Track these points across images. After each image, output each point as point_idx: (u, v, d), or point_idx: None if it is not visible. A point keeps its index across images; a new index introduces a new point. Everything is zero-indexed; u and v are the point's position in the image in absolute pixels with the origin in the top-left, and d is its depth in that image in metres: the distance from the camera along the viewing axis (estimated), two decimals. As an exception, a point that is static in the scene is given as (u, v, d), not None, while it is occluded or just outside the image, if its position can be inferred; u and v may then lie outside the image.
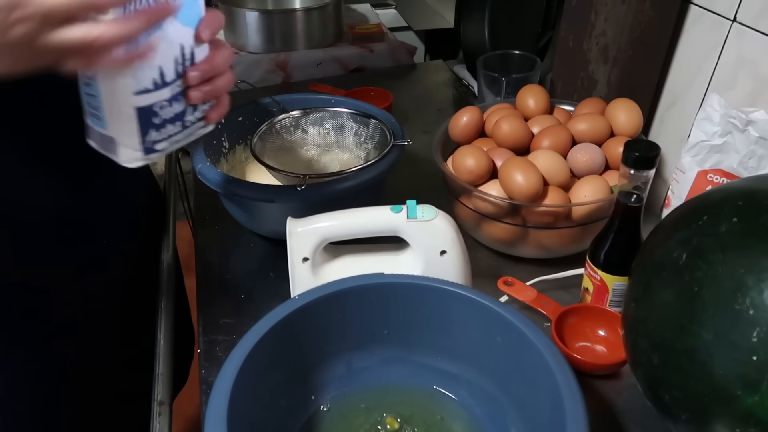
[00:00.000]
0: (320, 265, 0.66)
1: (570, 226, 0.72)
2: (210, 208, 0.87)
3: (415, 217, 0.63)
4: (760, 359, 0.40)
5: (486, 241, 0.78)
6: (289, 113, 0.86)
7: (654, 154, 0.57)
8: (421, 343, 0.58)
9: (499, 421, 0.54)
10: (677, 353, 0.45)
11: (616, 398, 0.61)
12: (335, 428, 0.55)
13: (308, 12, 1.29)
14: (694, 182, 0.70)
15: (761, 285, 0.41)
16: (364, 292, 0.56)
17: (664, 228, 0.53)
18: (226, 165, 0.86)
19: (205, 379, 0.64)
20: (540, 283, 0.72)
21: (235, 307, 0.72)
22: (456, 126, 0.82)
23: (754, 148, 0.65)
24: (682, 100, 0.81)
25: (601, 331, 0.66)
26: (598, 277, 0.64)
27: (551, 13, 0.99)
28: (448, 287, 0.55)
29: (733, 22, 0.71)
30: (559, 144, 0.76)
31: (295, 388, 0.55)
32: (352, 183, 0.72)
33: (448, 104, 1.19)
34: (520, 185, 0.68)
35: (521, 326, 0.51)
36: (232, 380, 0.46)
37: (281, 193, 0.70)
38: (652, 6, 0.76)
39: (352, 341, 0.57)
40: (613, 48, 0.81)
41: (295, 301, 0.53)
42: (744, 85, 0.71)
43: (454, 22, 1.26)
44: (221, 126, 0.85)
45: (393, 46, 1.35)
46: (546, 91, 0.85)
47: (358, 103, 0.88)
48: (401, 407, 0.57)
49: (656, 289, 0.49)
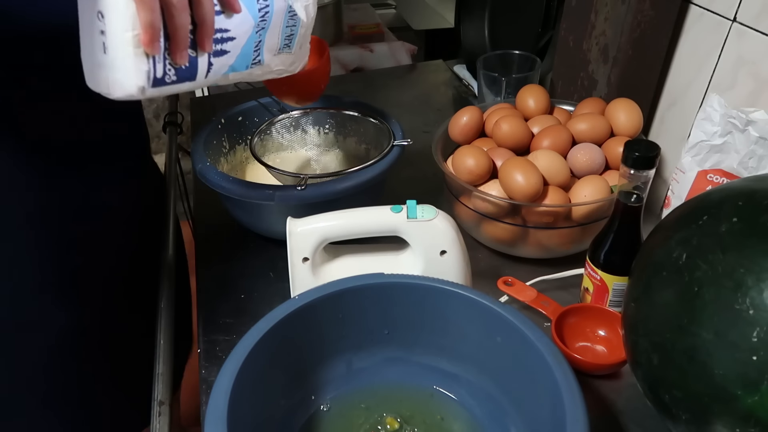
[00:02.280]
0: (320, 265, 0.66)
1: (570, 226, 0.72)
2: (210, 208, 0.87)
3: (415, 217, 0.63)
4: (760, 359, 0.40)
5: (486, 241, 0.78)
6: (289, 113, 0.86)
7: (654, 154, 0.57)
8: (421, 343, 0.58)
9: (499, 421, 0.54)
10: (677, 353, 0.45)
11: (616, 398, 0.61)
12: (335, 428, 0.55)
13: (308, 12, 1.29)
14: (694, 182, 0.70)
15: (761, 285, 0.41)
16: (364, 292, 0.56)
17: (664, 228, 0.53)
18: (226, 165, 0.86)
19: (205, 379, 0.64)
20: (540, 283, 0.72)
21: (235, 307, 0.72)
22: (456, 126, 0.82)
23: (754, 148, 0.65)
24: (682, 100, 0.81)
25: (601, 331, 0.66)
26: (598, 277, 0.64)
27: (551, 13, 0.99)
28: (448, 287, 0.55)
29: (733, 22, 0.71)
30: (559, 144, 0.76)
31: (295, 388, 0.55)
32: (352, 183, 0.72)
33: (448, 104, 1.19)
34: (520, 185, 0.69)
35: (521, 326, 0.51)
36: (232, 380, 0.46)
37: (281, 193, 0.70)
38: (652, 6, 0.76)
39: (352, 341, 0.57)
40: (613, 48, 0.81)
41: (295, 301, 0.53)
42: (744, 85, 0.71)
43: (454, 22, 1.26)
44: (221, 126, 0.85)
45: (393, 46, 1.35)
46: (546, 91, 0.85)
47: (359, 103, 0.88)
48: (401, 407, 0.57)
49: (656, 289, 0.49)
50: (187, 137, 1.02)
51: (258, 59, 0.58)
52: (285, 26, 0.59)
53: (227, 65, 0.56)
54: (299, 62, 0.64)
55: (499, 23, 1.16)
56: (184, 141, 1.05)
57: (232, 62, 0.56)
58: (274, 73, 0.62)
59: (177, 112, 1.07)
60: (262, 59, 0.59)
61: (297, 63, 0.64)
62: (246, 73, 0.59)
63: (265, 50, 0.58)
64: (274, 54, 0.59)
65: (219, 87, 1.32)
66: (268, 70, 0.61)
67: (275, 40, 0.59)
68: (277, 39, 0.59)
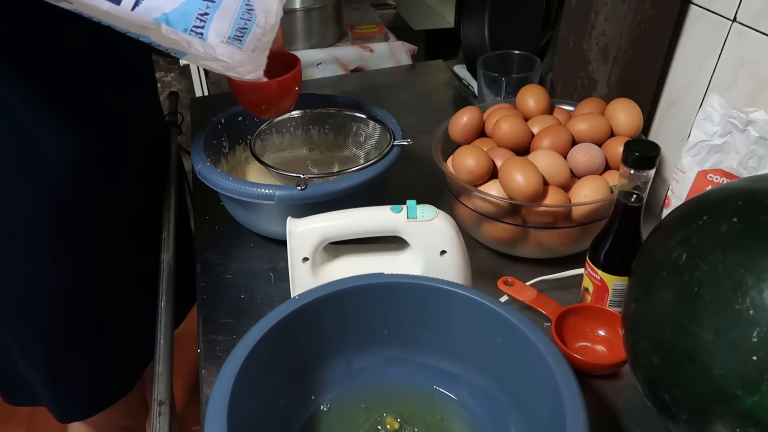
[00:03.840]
0: (320, 265, 0.66)
1: (570, 226, 0.72)
2: (210, 208, 0.87)
3: (415, 217, 0.63)
4: (760, 359, 0.40)
5: (486, 241, 0.78)
6: (289, 113, 0.86)
7: (654, 154, 0.57)
8: (421, 343, 0.58)
9: (499, 421, 0.54)
10: (677, 353, 0.45)
11: (616, 398, 0.61)
12: (335, 428, 0.55)
13: (308, 12, 1.29)
14: (694, 182, 0.70)
15: (761, 285, 0.41)
16: (364, 292, 0.56)
17: (664, 228, 0.53)
18: (226, 165, 0.86)
19: (205, 379, 0.64)
20: (540, 283, 0.72)
21: (235, 307, 0.72)
22: (456, 126, 0.82)
23: (754, 148, 0.65)
24: (682, 100, 0.81)
25: (601, 331, 0.66)
26: (598, 277, 0.64)
27: (551, 13, 0.99)
28: (448, 287, 0.55)
29: (733, 22, 0.71)
30: (559, 144, 0.76)
31: (295, 388, 0.55)
32: (352, 183, 0.72)
33: (448, 104, 1.19)
34: (520, 185, 0.69)
35: (521, 326, 0.51)
36: (232, 380, 0.46)
37: (281, 193, 0.70)
38: (652, 6, 0.76)
39: (352, 341, 0.57)
40: (613, 48, 0.81)
41: (295, 301, 0.53)
42: (744, 85, 0.71)
43: (454, 22, 1.26)
44: (221, 126, 0.85)
45: (393, 46, 1.35)
46: (546, 91, 0.85)
47: (359, 103, 0.88)
48: (401, 407, 0.57)
49: (656, 289, 0.49)
50: (187, 137, 1.02)
51: (201, 30, 0.56)
52: (239, 17, 0.56)
53: (160, 10, 0.53)
54: (250, 67, 0.61)
55: (499, 23, 1.16)
56: (184, 141, 1.05)
57: (167, 9, 0.53)
58: (218, 64, 0.59)
59: (177, 112, 1.07)
60: (206, 35, 0.56)
61: (248, 67, 0.61)
62: (184, 39, 0.56)
63: (212, 29, 0.56)
64: (221, 40, 0.57)
65: (219, 87, 1.32)
66: (211, 55, 0.58)
67: (226, 24, 0.56)
68: (228, 24, 0.56)
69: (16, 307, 0.76)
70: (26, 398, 0.89)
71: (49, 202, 0.72)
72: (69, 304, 0.79)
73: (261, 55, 0.61)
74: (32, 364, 0.82)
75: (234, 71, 0.61)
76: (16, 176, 0.69)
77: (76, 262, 0.78)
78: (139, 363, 0.94)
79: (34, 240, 0.73)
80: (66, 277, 0.78)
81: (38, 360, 0.81)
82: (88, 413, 0.90)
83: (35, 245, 0.74)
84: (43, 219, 0.73)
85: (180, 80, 1.94)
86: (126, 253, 0.84)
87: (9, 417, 1.59)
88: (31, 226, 0.72)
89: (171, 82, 1.94)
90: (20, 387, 0.87)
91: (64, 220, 0.74)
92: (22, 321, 0.78)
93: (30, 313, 0.77)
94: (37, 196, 0.71)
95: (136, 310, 0.86)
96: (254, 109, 0.72)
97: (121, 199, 0.81)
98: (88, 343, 0.84)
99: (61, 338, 0.81)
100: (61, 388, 0.85)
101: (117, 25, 0.55)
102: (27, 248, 0.74)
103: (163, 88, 1.89)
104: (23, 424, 1.59)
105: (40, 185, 0.71)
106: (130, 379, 0.93)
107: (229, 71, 0.61)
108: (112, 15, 0.52)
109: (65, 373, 0.84)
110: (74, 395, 0.87)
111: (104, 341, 0.85)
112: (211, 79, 1.35)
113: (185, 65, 1.83)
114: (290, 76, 0.69)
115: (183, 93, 1.56)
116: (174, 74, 1.94)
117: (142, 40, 0.56)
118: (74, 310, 0.80)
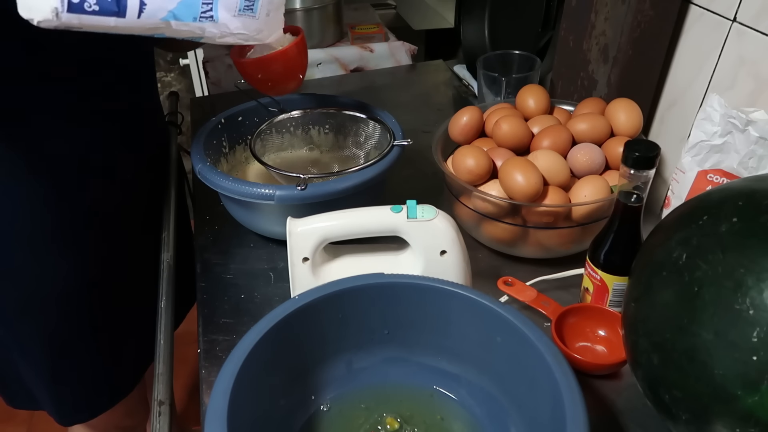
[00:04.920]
0: (320, 265, 0.66)
1: (570, 226, 0.72)
2: (210, 208, 0.87)
3: (415, 217, 0.63)
4: (760, 359, 0.40)
5: (486, 241, 0.78)
6: (289, 113, 0.86)
7: (654, 154, 0.57)
8: (421, 343, 0.58)
9: (499, 421, 0.54)
10: (677, 353, 0.45)
11: (616, 398, 0.61)
12: (335, 428, 0.55)
13: (308, 12, 1.29)
14: (694, 182, 0.70)
15: (761, 285, 0.41)
16: (364, 292, 0.56)
17: (664, 228, 0.53)
18: (226, 165, 0.86)
19: (205, 379, 0.64)
20: (540, 283, 0.72)
21: (235, 307, 0.72)
22: (456, 126, 0.82)
23: (754, 148, 0.65)
24: (682, 100, 0.81)
25: (601, 331, 0.66)
26: (598, 277, 0.64)
27: (551, 13, 0.99)
28: (448, 287, 0.55)
29: (733, 22, 0.71)
30: (559, 144, 0.76)
31: (295, 388, 0.55)
32: (352, 183, 0.72)
33: (448, 104, 1.19)
34: (520, 185, 0.68)
35: (521, 326, 0.51)
36: (232, 380, 0.46)
37: (281, 193, 0.70)
38: (652, 6, 0.76)
39: (352, 341, 0.57)
40: (613, 48, 0.81)
41: (295, 301, 0.53)
42: (744, 85, 0.71)
43: (454, 22, 1.26)
44: (221, 126, 0.85)
45: (393, 46, 1.35)
46: (546, 91, 0.85)
47: (359, 103, 0.88)
48: (401, 407, 0.57)
49: (656, 289, 0.49)
50: (187, 137, 1.02)
51: (210, 14, 0.54)
52: None
53: (165, 9, 0.52)
54: (268, 31, 0.60)
55: (499, 23, 1.16)
56: (184, 141, 1.05)
57: (171, 7, 0.52)
58: (236, 38, 0.58)
59: (177, 112, 1.07)
60: (216, 16, 0.55)
61: (265, 32, 0.59)
62: (196, 26, 0.54)
63: (221, 6, 0.55)
64: (233, 15, 0.56)
65: (219, 87, 1.32)
66: (226, 31, 0.57)
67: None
68: None
69: (17, 309, 0.76)
70: (27, 402, 0.89)
71: (50, 204, 0.72)
72: (70, 306, 0.79)
73: (276, 16, 0.60)
74: (33, 367, 0.82)
75: (253, 39, 0.60)
76: (18, 177, 0.69)
77: (78, 264, 0.78)
78: (141, 364, 0.94)
79: (36, 241, 0.73)
80: (67, 279, 0.77)
81: (39, 362, 0.81)
82: (90, 415, 0.90)
83: (37, 246, 0.74)
84: (44, 220, 0.73)
85: (180, 80, 1.94)
86: (126, 254, 0.84)
87: (9, 417, 1.59)
88: (32, 228, 0.72)
89: (171, 82, 1.94)
90: (22, 391, 0.87)
91: (65, 221, 0.74)
92: (24, 322, 0.78)
93: (31, 315, 0.77)
94: (38, 198, 0.71)
95: (136, 311, 0.86)
96: (263, 87, 0.72)
97: (122, 199, 0.81)
98: (89, 344, 0.84)
99: (62, 340, 0.80)
100: (62, 391, 0.85)
101: (128, 33, 0.54)
102: (29, 249, 0.74)
103: (163, 88, 1.89)
104: (23, 424, 1.59)
105: (41, 186, 0.71)
106: (131, 380, 0.93)
107: (248, 41, 0.60)
108: (121, 27, 0.52)
109: (66, 375, 0.84)
110: (75, 397, 0.87)
111: (106, 342, 0.85)
112: (211, 79, 1.35)
113: (185, 65, 1.83)
114: (293, 45, 0.68)
115: (183, 93, 1.56)
116: (174, 74, 1.94)
117: (156, 36, 0.55)
118: (76, 311, 0.80)
